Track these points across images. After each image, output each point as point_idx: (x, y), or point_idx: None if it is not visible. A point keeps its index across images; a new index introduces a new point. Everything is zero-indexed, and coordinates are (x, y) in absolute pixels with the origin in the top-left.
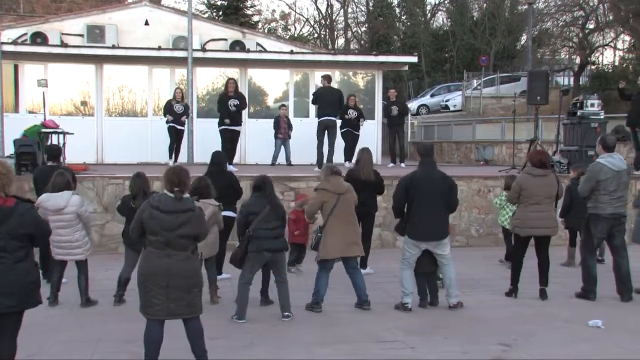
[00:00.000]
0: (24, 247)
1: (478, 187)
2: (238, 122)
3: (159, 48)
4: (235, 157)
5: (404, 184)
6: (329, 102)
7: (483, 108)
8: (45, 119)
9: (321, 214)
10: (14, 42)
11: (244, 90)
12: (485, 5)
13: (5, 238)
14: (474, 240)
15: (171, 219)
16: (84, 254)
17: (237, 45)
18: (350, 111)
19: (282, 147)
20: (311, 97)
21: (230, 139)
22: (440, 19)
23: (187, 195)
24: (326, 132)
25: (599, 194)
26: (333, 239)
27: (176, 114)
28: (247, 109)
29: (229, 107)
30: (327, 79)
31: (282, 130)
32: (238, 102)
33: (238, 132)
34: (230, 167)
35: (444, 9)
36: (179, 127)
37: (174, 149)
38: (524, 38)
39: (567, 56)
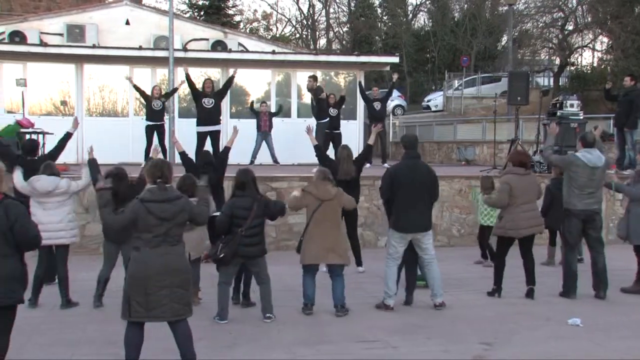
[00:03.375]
0: (9, 242)
1: (459, 187)
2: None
3: (140, 48)
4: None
5: (389, 175)
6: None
7: (464, 108)
8: (20, 118)
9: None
10: None
11: None
12: (466, 6)
13: None
14: (455, 240)
15: (168, 207)
16: (71, 238)
17: (218, 45)
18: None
19: (264, 143)
20: (308, 98)
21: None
22: (422, 20)
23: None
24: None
25: (571, 189)
26: (311, 244)
27: (154, 112)
28: (229, 109)
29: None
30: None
31: (263, 124)
32: (213, 101)
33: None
34: None
35: (425, 9)
36: (157, 123)
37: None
38: (504, 39)
39: (547, 57)
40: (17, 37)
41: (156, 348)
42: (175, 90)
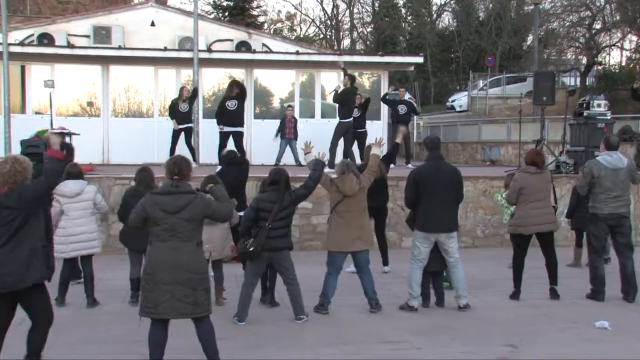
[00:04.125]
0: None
1: (484, 187)
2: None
3: (165, 49)
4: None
5: (413, 176)
6: (353, 103)
7: (489, 108)
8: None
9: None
10: (21, 43)
11: (249, 90)
12: (491, 5)
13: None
14: (479, 240)
15: (171, 200)
16: (98, 247)
17: (243, 46)
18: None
19: (288, 148)
20: (330, 95)
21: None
22: (446, 20)
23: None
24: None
25: (596, 193)
26: (337, 233)
27: (181, 114)
28: (252, 110)
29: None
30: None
31: (288, 130)
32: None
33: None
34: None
35: (450, 9)
36: (185, 126)
37: (175, 151)
38: (530, 38)
39: (574, 56)
40: (45, 39)
41: (185, 347)
42: (195, 92)
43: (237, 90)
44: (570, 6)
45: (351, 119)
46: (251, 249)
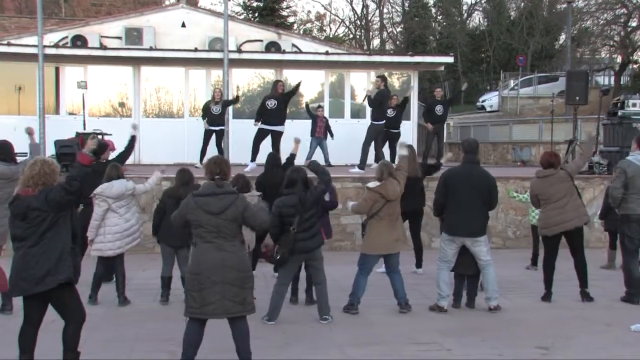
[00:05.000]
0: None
1: (515, 188)
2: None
3: (196, 50)
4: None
5: (444, 178)
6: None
7: (520, 108)
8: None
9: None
10: (55, 45)
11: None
12: (522, 4)
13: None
14: (510, 242)
15: (215, 201)
16: (140, 238)
17: (272, 47)
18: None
19: (319, 147)
20: (365, 97)
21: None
22: (477, 19)
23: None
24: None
25: (628, 194)
26: (377, 237)
27: (214, 116)
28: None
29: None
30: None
31: (318, 129)
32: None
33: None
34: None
35: (481, 8)
36: (217, 128)
37: (206, 152)
38: (562, 37)
39: (608, 55)
40: (79, 41)
41: (216, 348)
42: (234, 101)
43: (280, 91)
44: (605, 4)
45: (384, 121)
46: (278, 258)
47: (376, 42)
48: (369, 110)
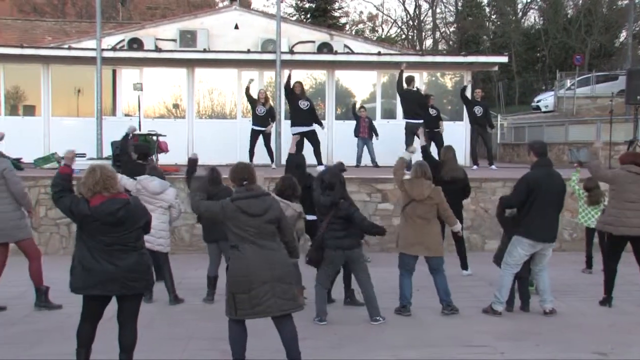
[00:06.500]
0: (141, 236)
1: (571, 190)
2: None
3: (248, 51)
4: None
5: (527, 181)
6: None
7: (577, 108)
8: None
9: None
10: (113, 49)
11: (330, 92)
12: (581, 1)
13: (130, 228)
14: (567, 244)
15: (257, 203)
16: (165, 247)
17: (324, 47)
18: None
19: (365, 148)
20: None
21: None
22: (532, 18)
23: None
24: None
25: None
26: (405, 236)
27: (259, 117)
28: (334, 111)
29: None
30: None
31: (362, 130)
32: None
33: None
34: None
35: (536, 7)
36: (258, 128)
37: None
38: (623, 35)
39: None
40: (135, 44)
41: (265, 348)
42: (273, 114)
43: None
44: None
45: (416, 120)
46: (307, 259)
47: (429, 42)
48: (400, 112)
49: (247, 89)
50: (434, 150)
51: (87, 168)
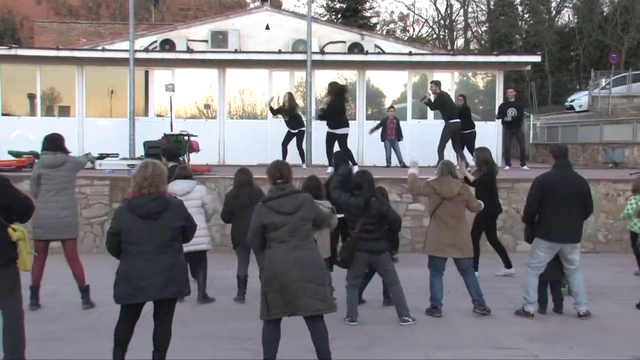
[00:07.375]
0: (179, 240)
1: (606, 190)
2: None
3: (279, 52)
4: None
5: (539, 182)
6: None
7: (612, 108)
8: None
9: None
10: (145, 50)
11: (361, 92)
12: None
13: (167, 231)
14: (601, 246)
15: (289, 201)
16: (206, 245)
17: (355, 48)
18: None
19: (392, 149)
20: (422, 99)
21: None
22: (566, 16)
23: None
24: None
25: None
26: (432, 236)
27: (286, 123)
28: (364, 111)
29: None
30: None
31: (389, 131)
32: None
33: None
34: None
35: (570, 5)
36: (294, 130)
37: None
38: None
39: None
40: (167, 45)
41: (297, 347)
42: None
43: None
44: None
45: (457, 120)
46: (338, 259)
47: (460, 41)
48: (430, 112)
49: (271, 108)
50: (467, 153)
51: (140, 163)
